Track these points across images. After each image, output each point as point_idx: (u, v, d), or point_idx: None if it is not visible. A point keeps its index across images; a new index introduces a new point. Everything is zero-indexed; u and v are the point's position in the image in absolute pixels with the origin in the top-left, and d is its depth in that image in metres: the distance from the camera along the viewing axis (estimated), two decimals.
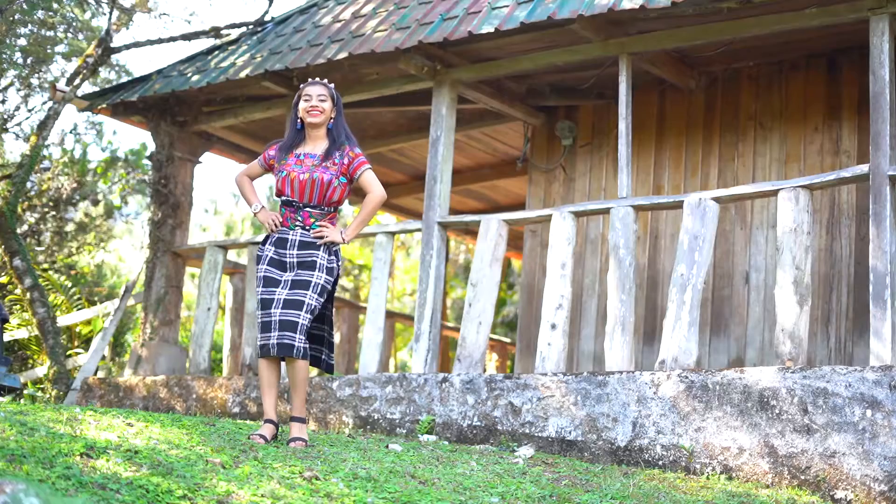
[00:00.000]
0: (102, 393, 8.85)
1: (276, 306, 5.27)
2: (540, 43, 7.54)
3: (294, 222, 5.41)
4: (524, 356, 8.68)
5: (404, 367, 16.36)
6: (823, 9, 6.50)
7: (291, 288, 5.31)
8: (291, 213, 5.43)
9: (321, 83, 5.52)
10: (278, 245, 5.42)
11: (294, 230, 5.41)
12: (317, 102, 5.46)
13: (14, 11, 10.18)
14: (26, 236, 12.47)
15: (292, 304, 5.26)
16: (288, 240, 5.40)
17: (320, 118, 5.47)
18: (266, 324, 5.28)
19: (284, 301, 5.27)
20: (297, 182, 5.38)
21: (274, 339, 5.23)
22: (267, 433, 5.31)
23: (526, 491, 4.80)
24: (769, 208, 7.76)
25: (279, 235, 5.43)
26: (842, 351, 7.35)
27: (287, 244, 5.40)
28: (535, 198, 9.03)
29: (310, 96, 5.48)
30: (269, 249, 5.43)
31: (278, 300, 5.28)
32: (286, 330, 5.23)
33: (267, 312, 5.29)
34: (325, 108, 5.47)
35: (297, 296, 5.28)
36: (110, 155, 14.39)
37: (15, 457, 3.89)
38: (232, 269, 9.83)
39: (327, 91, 5.50)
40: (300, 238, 5.39)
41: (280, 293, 5.30)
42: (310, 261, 5.36)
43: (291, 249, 5.39)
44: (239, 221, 20.14)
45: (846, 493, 5.29)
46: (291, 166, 5.42)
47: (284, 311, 5.25)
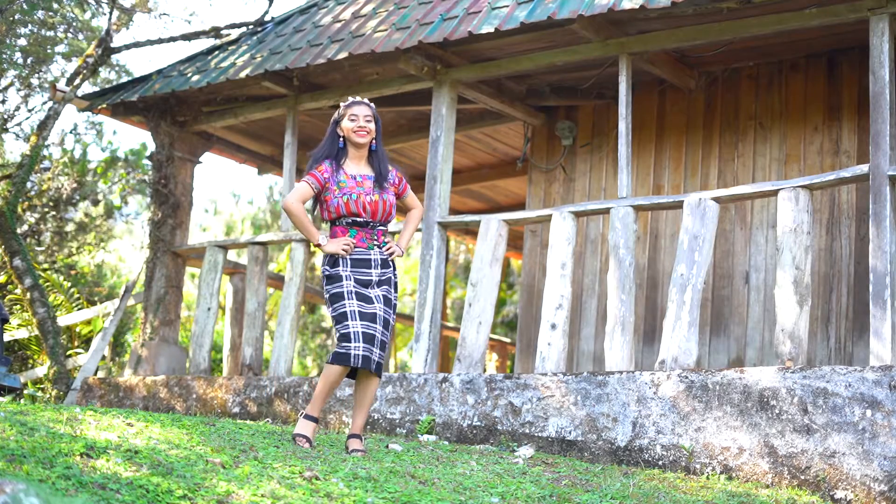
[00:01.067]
0: (102, 393, 8.85)
1: (379, 323, 5.36)
2: (540, 43, 7.54)
3: (371, 242, 5.51)
4: (524, 356, 8.68)
5: (404, 367, 16.36)
6: (823, 9, 6.50)
7: (385, 304, 5.44)
8: (366, 234, 5.50)
9: (366, 104, 5.57)
10: (359, 265, 5.45)
11: (373, 249, 5.50)
12: (364, 123, 5.51)
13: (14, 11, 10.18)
14: (26, 236, 12.47)
15: (385, 323, 5.40)
16: (371, 260, 5.47)
17: (367, 139, 5.53)
18: (369, 337, 5.30)
19: (383, 320, 5.38)
20: (370, 204, 5.47)
21: (376, 356, 5.32)
22: (310, 432, 5.38)
23: (526, 491, 4.80)
24: (769, 208, 7.76)
25: (357, 257, 5.45)
26: (842, 351, 7.35)
27: (371, 264, 5.46)
28: (535, 198, 9.03)
29: (356, 116, 5.51)
30: (346, 271, 5.42)
31: (380, 317, 5.37)
32: (382, 349, 5.37)
33: (372, 326, 5.32)
34: (372, 129, 5.54)
35: (388, 315, 5.43)
36: (110, 155, 14.39)
37: (15, 457, 3.89)
38: (232, 269, 9.84)
39: (372, 112, 5.56)
40: (380, 257, 5.51)
41: (378, 309, 5.38)
42: (387, 278, 5.51)
43: (375, 269, 5.47)
44: (239, 221, 20.14)
45: (846, 493, 5.30)
46: (355, 188, 5.47)
47: (384, 331, 5.39)
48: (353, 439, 5.44)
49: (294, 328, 8.38)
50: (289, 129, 8.85)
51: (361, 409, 5.46)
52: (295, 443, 5.29)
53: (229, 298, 9.76)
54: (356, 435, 5.46)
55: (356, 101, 5.57)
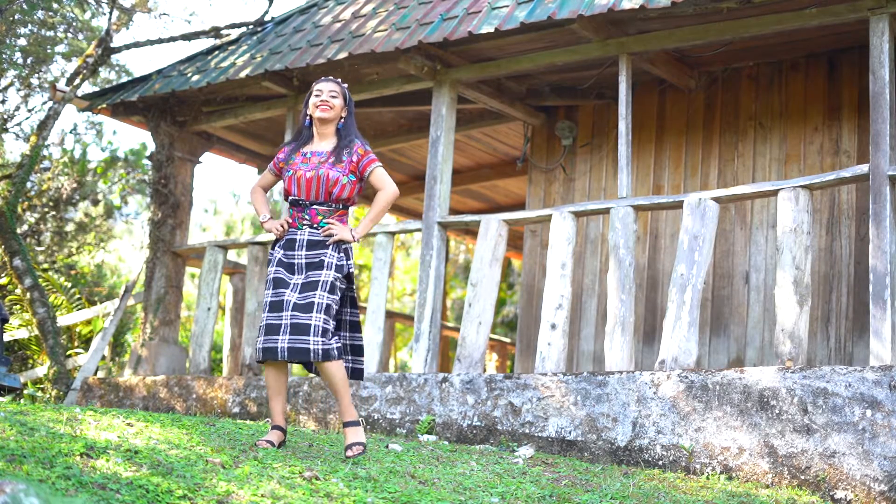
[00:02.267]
0: (102, 393, 8.85)
1: (286, 308, 5.06)
2: (540, 43, 7.54)
3: (301, 221, 5.23)
4: (524, 356, 8.68)
5: (404, 367, 16.36)
6: (823, 9, 6.50)
7: (301, 291, 5.10)
8: (299, 213, 5.24)
9: (333, 80, 5.39)
10: (287, 247, 5.22)
11: (302, 229, 5.22)
12: (327, 97, 5.30)
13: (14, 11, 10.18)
14: (26, 236, 12.47)
15: (304, 307, 5.05)
16: (297, 240, 5.20)
17: (330, 114, 5.30)
18: (273, 326, 5.05)
19: (295, 304, 5.06)
20: (304, 180, 5.21)
21: (284, 342, 5.00)
22: (274, 439, 5.12)
23: (526, 491, 4.80)
24: (769, 208, 7.76)
25: (288, 237, 5.24)
26: (842, 351, 7.35)
27: (296, 244, 5.20)
28: (535, 198, 9.03)
29: (321, 91, 5.33)
30: (279, 252, 5.24)
31: (288, 302, 5.07)
32: (299, 334, 5.00)
33: (276, 315, 5.07)
34: (336, 104, 5.31)
35: (308, 298, 5.06)
36: (110, 155, 14.40)
37: (15, 457, 3.89)
38: (232, 269, 9.84)
39: (339, 88, 5.36)
40: (308, 237, 5.19)
41: (290, 295, 5.09)
42: (318, 261, 5.16)
43: (300, 250, 5.18)
44: (239, 221, 20.15)
45: (846, 493, 5.30)
46: (298, 165, 5.26)
47: (295, 314, 5.04)
48: (346, 428, 5.13)
49: None
50: (289, 129, 8.85)
51: (336, 395, 5.15)
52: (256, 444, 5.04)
53: (229, 298, 9.76)
54: (349, 422, 5.13)
55: (323, 78, 5.41)
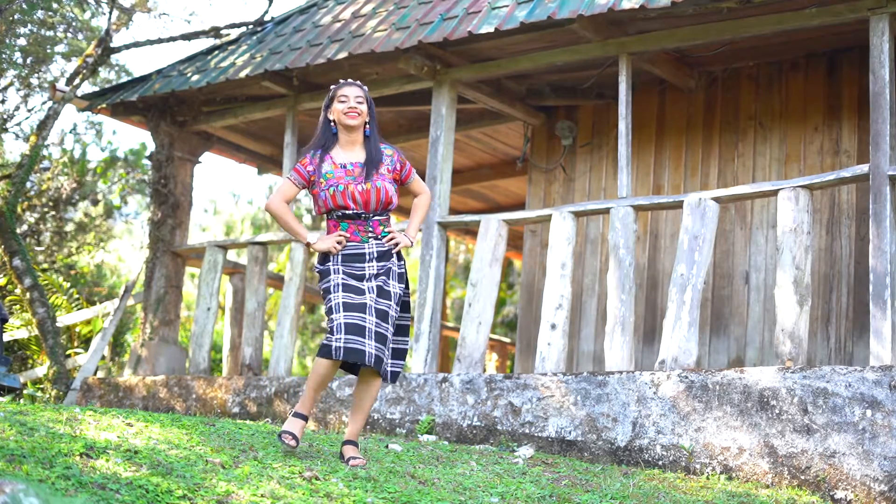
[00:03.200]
0: (102, 393, 8.85)
1: (370, 313, 4.93)
2: (540, 43, 7.54)
3: (365, 234, 5.08)
4: (524, 356, 8.68)
5: (404, 367, 16.34)
6: (823, 9, 6.50)
7: (378, 296, 5.00)
8: (359, 226, 5.08)
9: (357, 84, 5.20)
10: (351, 260, 5.05)
11: (367, 242, 5.07)
12: (355, 104, 5.12)
13: (14, 11, 10.18)
14: (26, 236, 12.47)
15: (382, 315, 4.97)
16: (365, 254, 5.05)
17: (358, 120, 5.13)
18: (357, 328, 4.88)
19: (377, 311, 4.96)
20: (359, 194, 5.04)
21: (370, 348, 4.88)
22: (298, 430, 4.97)
23: (526, 491, 4.80)
24: (769, 208, 7.76)
25: (350, 252, 5.05)
26: (842, 351, 7.35)
27: (365, 258, 5.05)
28: (535, 198, 9.02)
29: (346, 97, 5.14)
30: (336, 265, 5.04)
31: (370, 307, 4.94)
32: (380, 343, 4.93)
33: (360, 316, 4.90)
34: (363, 110, 5.14)
35: (385, 307, 5.00)
36: (110, 155, 14.39)
37: (15, 457, 3.89)
38: (232, 268, 9.83)
39: (363, 93, 5.17)
40: (377, 249, 5.07)
41: (370, 299, 4.97)
42: (387, 270, 5.07)
43: (371, 262, 5.05)
44: (238, 221, 20.14)
45: (846, 493, 5.29)
46: (343, 178, 5.07)
47: (379, 321, 4.95)
48: (349, 446, 5.10)
49: (294, 328, 8.37)
50: (288, 128, 8.85)
51: (358, 413, 5.10)
52: (280, 440, 4.92)
53: (229, 298, 9.76)
54: (352, 441, 5.11)
55: (346, 82, 5.21)
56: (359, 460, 4.98)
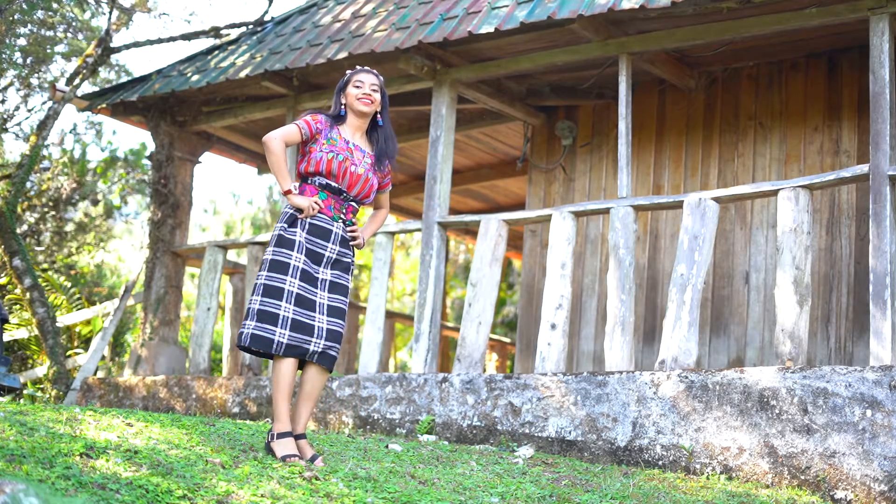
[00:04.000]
0: (102, 393, 8.85)
1: (320, 311, 4.90)
2: (540, 43, 7.54)
3: (338, 213, 5.02)
4: (524, 356, 8.68)
5: (404, 367, 16.36)
6: (823, 9, 6.50)
7: (331, 292, 4.96)
8: (336, 203, 5.02)
9: (373, 73, 5.15)
10: (316, 234, 4.96)
11: (337, 222, 5.01)
12: (370, 90, 5.07)
13: (14, 11, 10.18)
14: (26, 236, 12.47)
15: (336, 312, 4.95)
16: (332, 232, 4.98)
17: (371, 108, 5.08)
18: (307, 326, 4.86)
19: (329, 308, 4.93)
20: (353, 174, 5.00)
21: (319, 346, 4.87)
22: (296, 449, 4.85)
23: (526, 491, 4.80)
24: (769, 208, 7.76)
25: (318, 223, 4.97)
26: (842, 351, 7.35)
27: (330, 237, 4.97)
28: (535, 198, 9.03)
29: (362, 83, 5.09)
30: (302, 236, 4.93)
31: (321, 305, 4.92)
32: (333, 341, 4.92)
33: (309, 315, 4.88)
34: (377, 98, 5.09)
35: (339, 303, 4.97)
36: (110, 155, 14.40)
37: (15, 457, 3.89)
38: (232, 268, 9.84)
39: (379, 82, 5.13)
40: (342, 233, 5.03)
41: (321, 296, 4.94)
42: (345, 262, 5.04)
43: (334, 244, 4.99)
44: (238, 221, 20.14)
45: (846, 493, 5.29)
46: (345, 153, 5.01)
47: (331, 319, 4.93)
48: (302, 441, 4.93)
49: None
50: None
51: (307, 402, 4.96)
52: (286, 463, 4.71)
53: (229, 298, 9.76)
54: (303, 435, 4.95)
55: (363, 69, 5.16)
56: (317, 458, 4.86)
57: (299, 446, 4.91)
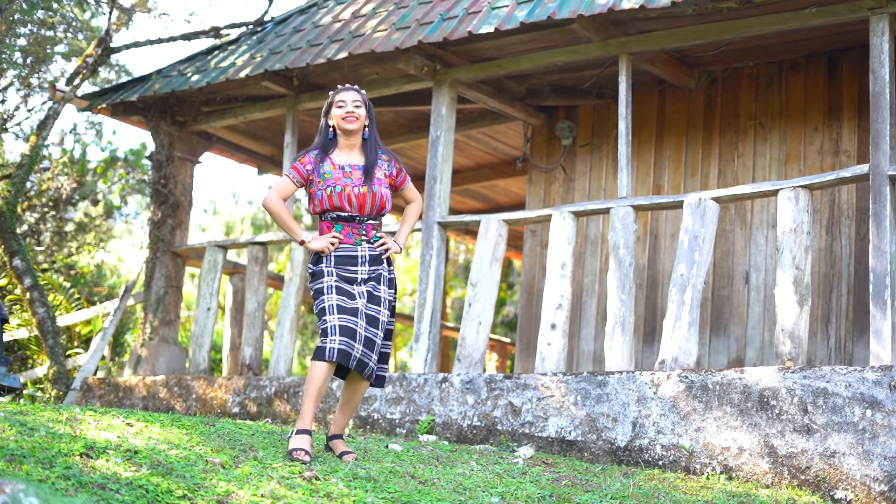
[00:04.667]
0: (102, 393, 8.85)
1: (360, 317, 5.03)
2: (540, 43, 7.54)
3: (358, 237, 5.18)
4: (524, 356, 8.68)
5: (404, 366, 16.36)
6: (823, 8, 6.50)
7: (369, 301, 5.10)
8: (353, 229, 5.18)
9: (354, 89, 5.30)
10: (344, 263, 5.13)
11: (360, 245, 5.16)
12: (352, 108, 5.21)
13: (14, 11, 10.18)
14: (26, 236, 12.47)
15: (372, 321, 5.07)
16: (358, 257, 5.15)
17: (356, 125, 5.22)
18: (349, 331, 4.97)
19: (367, 316, 5.05)
20: (355, 197, 5.15)
21: (357, 352, 4.97)
22: (308, 445, 4.97)
23: (526, 491, 4.80)
24: (769, 208, 7.76)
25: (343, 253, 5.14)
26: (842, 351, 7.35)
27: (357, 261, 5.15)
28: (535, 198, 9.02)
29: (344, 102, 5.23)
30: (329, 268, 5.12)
31: (362, 312, 5.04)
32: (368, 348, 5.03)
33: (352, 320, 4.99)
34: (361, 114, 5.23)
35: (375, 312, 5.09)
36: (110, 155, 14.39)
37: (15, 457, 3.89)
38: (232, 269, 9.83)
39: (360, 97, 5.27)
40: (369, 253, 5.17)
41: (360, 304, 5.06)
42: (378, 275, 5.18)
43: (363, 266, 5.15)
44: (238, 221, 20.14)
45: (846, 493, 5.29)
46: (341, 180, 5.16)
47: (368, 327, 5.04)
48: (337, 440, 5.24)
49: (294, 328, 8.37)
50: (288, 129, 8.85)
51: (346, 409, 5.23)
52: (292, 457, 4.87)
53: (229, 298, 9.76)
54: (339, 436, 5.25)
55: (344, 87, 5.28)
56: (352, 454, 5.14)
57: (334, 444, 5.22)
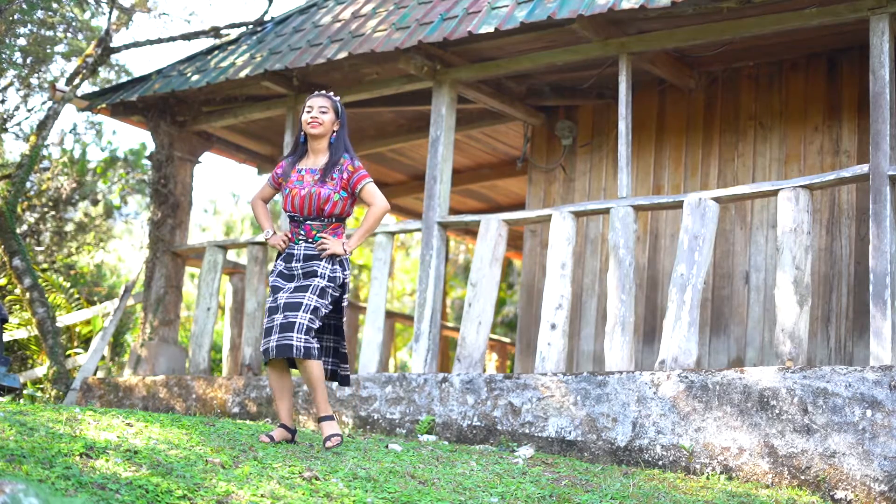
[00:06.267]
0: (102, 393, 8.85)
1: (279, 311, 5.34)
2: (540, 43, 7.54)
3: (298, 236, 5.49)
4: (524, 356, 8.68)
5: (404, 367, 16.36)
6: (823, 9, 6.50)
7: (294, 291, 5.38)
8: (295, 228, 5.51)
9: (325, 95, 5.53)
10: (286, 259, 5.50)
11: (298, 244, 5.48)
12: (317, 114, 5.47)
13: (14, 11, 10.18)
14: (26, 236, 12.46)
15: (291, 306, 5.31)
16: (294, 254, 5.48)
17: (319, 129, 5.48)
18: (268, 329, 5.34)
19: (284, 304, 5.33)
20: (298, 198, 5.44)
21: (273, 341, 5.26)
22: (277, 435, 5.35)
23: (526, 491, 4.80)
24: (769, 208, 7.76)
25: (287, 251, 5.51)
26: (842, 351, 7.35)
27: (293, 258, 5.47)
28: (535, 198, 9.02)
29: (311, 107, 5.50)
30: (280, 265, 5.52)
31: (280, 305, 5.35)
32: (285, 331, 5.26)
33: (270, 318, 5.36)
34: (325, 119, 5.47)
35: (296, 298, 5.33)
36: (110, 155, 14.39)
37: (15, 457, 3.89)
38: (231, 269, 9.83)
39: (329, 103, 5.50)
40: (304, 251, 5.46)
41: (281, 297, 5.38)
42: (310, 270, 5.43)
43: (297, 263, 5.45)
44: (238, 221, 20.15)
45: (846, 493, 5.29)
46: (294, 183, 5.49)
47: (286, 313, 5.30)
48: (323, 422, 5.37)
49: None
50: (288, 129, 8.85)
51: (312, 391, 5.37)
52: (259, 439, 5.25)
53: (229, 298, 9.76)
54: (325, 417, 5.37)
55: (316, 93, 5.56)
56: (335, 438, 5.29)
57: (320, 427, 5.41)
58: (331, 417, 5.39)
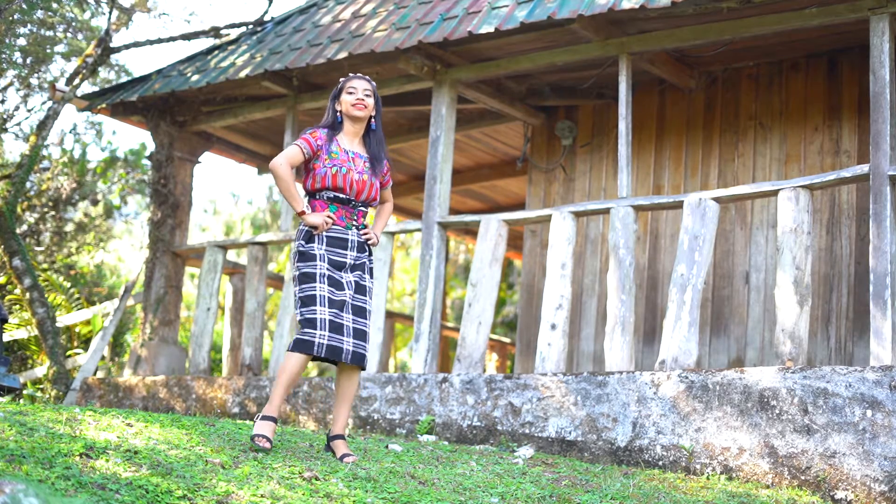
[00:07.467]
0: (102, 393, 8.85)
1: (346, 310, 5.10)
2: (540, 43, 7.54)
3: (350, 222, 5.24)
4: (524, 356, 8.68)
5: (404, 367, 16.36)
6: (823, 8, 6.50)
7: (356, 292, 5.18)
8: (347, 212, 5.24)
9: (366, 79, 5.35)
10: (334, 245, 5.18)
11: (351, 230, 5.23)
12: (363, 96, 5.26)
13: (14, 11, 10.18)
14: (26, 236, 12.46)
15: (360, 311, 5.15)
16: (348, 240, 5.21)
17: (364, 112, 5.27)
18: (337, 326, 5.04)
19: (353, 307, 5.13)
20: (355, 182, 5.20)
21: (349, 345, 5.04)
22: (270, 432, 5.00)
23: (526, 491, 4.80)
24: (769, 208, 7.76)
25: (334, 235, 5.19)
26: (842, 351, 7.35)
27: (347, 245, 5.20)
28: (535, 198, 9.02)
29: (355, 89, 5.27)
30: (321, 248, 5.14)
31: (348, 304, 5.11)
32: (360, 339, 5.11)
33: (338, 314, 5.06)
34: (370, 103, 5.28)
35: (362, 303, 5.18)
36: (110, 155, 14.39)
37: (15, 457, 3.89)
38: (231, 269, 9.83)
39: (371, 87, 5.30)
40: (358, 239, 5.25)
41: (348, 296, 5.13)
42: (362, 263, 5.25)
43: (352, 251, 5.21)
44: (238, 221, 20.14)
45: (846, 494, 5.29)
46: (346, 163, 5.21)
47: (356, 318, 5.12)
48: (338, 441, 5.19)
49: (294, 328, 8.37)
50: (288, 129, 8.85)
51: (344, 404, 5.20)
52: (254, 443, 4.93)
53: (229, 298, 9.76)
54: (340, 436, 5.20)
55: (356, 75, 5.35)
56: (352, 457, 5.09)
57: (335, 445, 5.18)
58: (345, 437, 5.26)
